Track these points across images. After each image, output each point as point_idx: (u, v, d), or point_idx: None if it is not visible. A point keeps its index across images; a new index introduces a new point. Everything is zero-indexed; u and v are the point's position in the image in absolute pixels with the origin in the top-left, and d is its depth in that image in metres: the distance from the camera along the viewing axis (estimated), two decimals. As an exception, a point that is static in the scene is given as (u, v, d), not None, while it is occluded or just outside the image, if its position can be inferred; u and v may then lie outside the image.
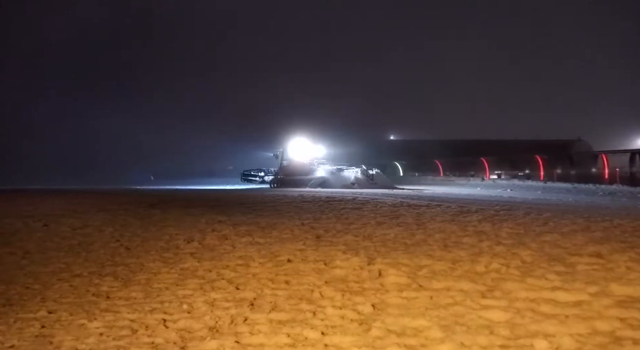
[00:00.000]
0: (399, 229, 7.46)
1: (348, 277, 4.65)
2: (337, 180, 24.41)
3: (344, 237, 6.90)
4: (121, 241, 7.05)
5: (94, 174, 39.04)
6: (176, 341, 3.25)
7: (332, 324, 3.43)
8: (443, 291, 4.06)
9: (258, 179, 29.07)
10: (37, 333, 3.44)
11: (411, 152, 43.19)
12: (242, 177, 30.26)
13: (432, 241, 6.33)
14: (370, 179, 24.30)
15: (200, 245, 6.61)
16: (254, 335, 3.31)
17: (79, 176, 36.31)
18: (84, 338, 3.31)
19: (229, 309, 3.85)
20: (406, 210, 10.14)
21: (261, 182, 28.51)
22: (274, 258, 5.62)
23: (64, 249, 6.57)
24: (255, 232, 7.54)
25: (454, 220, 8.30)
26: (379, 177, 24.91)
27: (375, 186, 23.10)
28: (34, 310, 3.95)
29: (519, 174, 29.48)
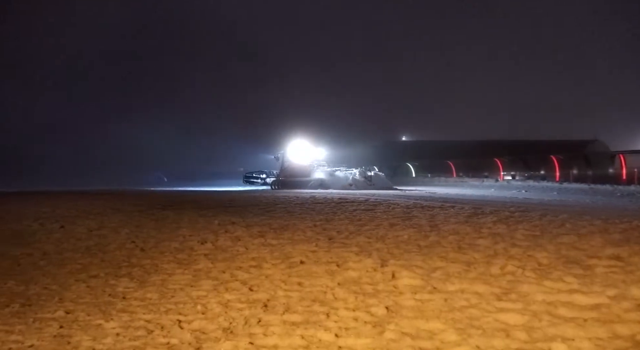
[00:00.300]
0: (412, 230, 7.42)
1: (361, 279, 4.63)
2: (334, 181, 24.95)
3: (357, 238, 6.88)
4: (136, 242, 7.13)
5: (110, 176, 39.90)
6: (191, 342, 3.27)
7: (346, 325, 3.43)
8: (457, 293, 4.02)
9: (260, 181, 29.52)
10: (56, 333, 3.49)
11: (424, 153, 42.94)
12: (244, 178, 30.88)
13: (445, 243, 6.27)
14: (368, 180, 24.60)
15: (213, 247, 6.65)
16: (268, 336, 3.32)
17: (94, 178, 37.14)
18: (101, 338, 3.36)
19: (242, 310, 3.87)
20: (419, 211, 10.07)
21: (263, 183, 29.05)
22: (286, 259, 5.63)
23: (81, 250, 6.67)
24: (267, 234, 7.57)
25: (468, 222, 8.22)
26: (377, 178, 25.21)
27: (373, 187, 23.32)
28: (52, 310, 4.02)
29: (533, 174, 29.11)
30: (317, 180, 25.48)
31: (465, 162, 35.15)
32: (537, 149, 32.02)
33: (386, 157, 47.03)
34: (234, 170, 32.73)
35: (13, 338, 3.42)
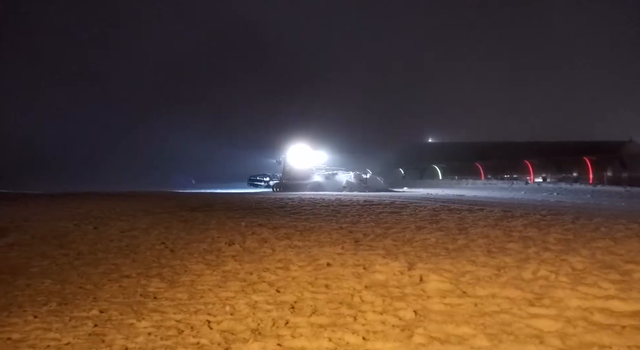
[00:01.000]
0: (440, 233, 7.31)
1: (388, 282, 4.60)
2: (329, 184, 26.28)
3: (383, 241, 6.83)
4: (166, 243, 7.29)
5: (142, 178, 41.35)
6: (220, 342, 3.32)
7: (374, 329, 3.40)
8: (488, 298, 3.94)
9: (263, 184, 30.54)
10: (91, 331, 3.61)
11: (451, 154, 42.25)
12: (248, 181, 32.12)
13: (474, 246, 6.16)
14: (363, 182, 25.89)
15: (241, 248, 6.73)
16: (296, 338, 3.33)
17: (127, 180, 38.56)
18: (133, 337, 3.44)
19: (270, 312, 3.90)
20: (447, 214, 9.92)
21: (266, 186, 30.10)
22: (313, 262, 5.64)
23: (113, 251, 6.87)
24: (293, 236, 7.61)
25: (498, 225, 8.04)
26: (372, 180, 26.56)
27: (368, 189, 24.46)
28: (87, 309, 4.15)
29: (565, 176, 28.22)
30: (315, 183, 26.69)
31: (494, 164, 34.40)
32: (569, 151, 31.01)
33: (412, 159, 46.54)
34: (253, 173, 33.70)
35: (51, 336, 3.54)
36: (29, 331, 3.65)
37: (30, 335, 3.55)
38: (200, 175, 46.60)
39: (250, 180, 31.74)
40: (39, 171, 42.69)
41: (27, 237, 8.08)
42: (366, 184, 25.62)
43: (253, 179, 31.61)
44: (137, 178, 41.36)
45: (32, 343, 3.40)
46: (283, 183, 28.13)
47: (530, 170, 30.15)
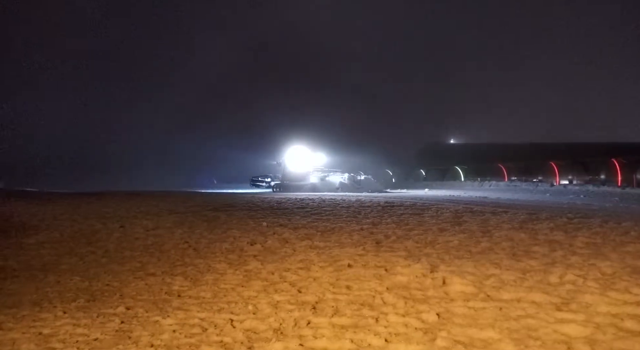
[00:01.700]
0: (463, 236, 7.21)
1: (410, 284, 4.56)
2: (324, 185, 27.66)
3: (405, 243, 6.78)
4: (189, 242, 7.41)
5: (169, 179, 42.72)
6: (243, 341, 3.35)
7: (396, 331, 3.38)
8: (513, 302, 3.86)
9: (264, 184, 31.55)
10: (117, 328, 3.70)
11: (473, 156, 41.58)
12: (251, 182, 33.28)
13: (499, 249, 6.05)
14: (357, 184, 27.61)
15: (262, 248, 6.79)
16: (318, 338, 3.33)
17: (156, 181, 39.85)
18: (159, 334, 3.51)
19: (292, 312, 3.91)
20: (470, 216, 9.77)
21: (267, 186, 31.10)
22: (334, 262, 5.64)
23: (139, 249, 7.02)
24: (314, 236, 7.62)
25: (522, 228, 7.88)
26: (367, 182, 28.38)
27: (361, 190, 25.96)
28: (114, 306, 4.26)
29: (592, 179, 27.43)
30: (311, 184, 28.01)
31: (518, 165, 33.68)
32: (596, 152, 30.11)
33: (433, 160, 46.00)
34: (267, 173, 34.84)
35: (79, 331, 3.65)
36: (58, 326, 3.76)
37: (60, 330, 3.67)
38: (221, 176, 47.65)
39: (252, 181, 32.92)
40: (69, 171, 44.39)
41: (56, 235, 8.34)
42: (360, 185, 27.22)
43: (255, 180, 32.83)
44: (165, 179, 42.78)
45: (62, 338, 3.51)
46: (282, 184, 29.36)
47: (556, 172, 29.41)
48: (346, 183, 27.70)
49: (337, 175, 28.90)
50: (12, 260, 6.45)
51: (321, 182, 28.47)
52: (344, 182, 27.81)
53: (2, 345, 3.40)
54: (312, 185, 28.11)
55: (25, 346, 3.34)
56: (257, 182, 32.33)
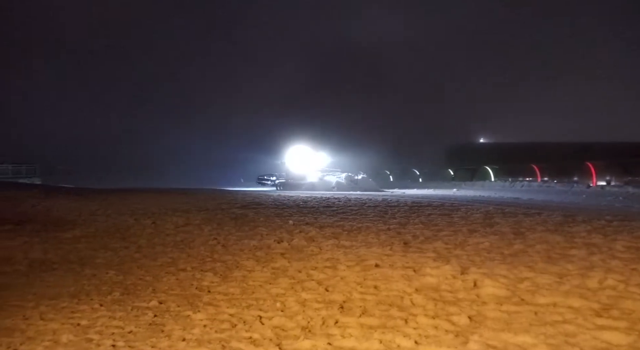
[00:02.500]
0: (494, 237, 7.04)
1: (440, 286, 4.49)
2: (321, 184, 29.24)
3: (433, 244, 6.67)
4: (218, 239, 7.52)
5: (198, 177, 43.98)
6: (272, 338, 3.38)
7: (426, 333, 3.33)
8: (549, 307, 3.74)
9: (270, 183, 33.13)
10: (151, 321, 3.79)
11: (504, 155, 40.57)
12: (257, 180, 34.62)
13: (532, 252, 5.87)
14: (354, 183, 29.04)
15: (289, 246, 6.82)
16: (346, 338, 3.32)
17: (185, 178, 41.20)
18: (190, 329, 3.58)
19: (319, 310, 3.92)
20: (501, 218, 9.52)
21: (272, 185, 32.55)
22: (360, 262, 5.61)
23: (170, 245, 7.19)
24: (340, 235, 7.61)
25: (558, 230, 7.62)
26: (364, 181, 29.62)
27: (357, 189, 27.23)
28: (147, 300, 4.37)
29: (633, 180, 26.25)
30: (309, 183, 29.64)
31: (552, 165, 32.62)
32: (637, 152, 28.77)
33: (462, 160, 45.17)
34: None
35: (115, 323, 3.76)
36: (95, 318, 3.89)
37: (97, 322, 3.79)
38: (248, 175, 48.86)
39: (258, 179, 34.67)
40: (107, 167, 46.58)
41: (92, 230, 8.64)
42: (356, 184, 28.74)
43: (261, 178, 34.67)
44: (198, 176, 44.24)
45: (99, 330, 3.63)
46: (284, 182, 31.24)
47: (593, 173, 28.32)
48: (342, 182, 29.28)
49: (333, 175, 30.74)
50: (52, 253, 6.71)
51: (319, 181, 30.11)
52: (340, 181, 29.45)
53: (44, 334, 3.54)
54: (311, 184, 29.58)
55: (65, 336, 3.47)
56: (262, 181, 33.92)
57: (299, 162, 32.66)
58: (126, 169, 47.71)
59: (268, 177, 33.98)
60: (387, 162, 46.73)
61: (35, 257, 6.46)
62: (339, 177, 30.15)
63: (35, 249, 6.96)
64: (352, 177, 29.95)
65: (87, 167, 45.92)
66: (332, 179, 30.03)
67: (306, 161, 32.73)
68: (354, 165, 36.11)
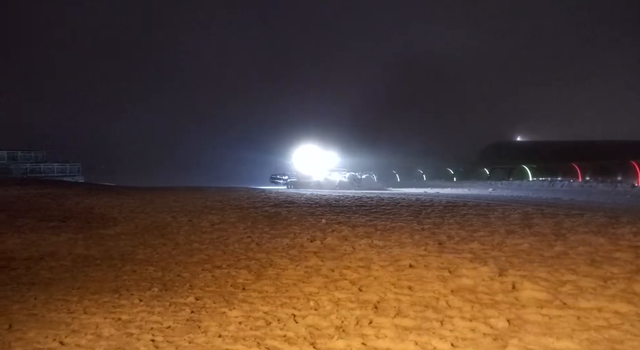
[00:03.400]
0: (534, 238, 6.80)
1: (477, 288, 4.38)
2: (326, 183, 30.59)
3: (470, 245, 6.52)
4: (252, 237, 7.63)
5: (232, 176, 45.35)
6: (306, 337, 3.39)
7: (463, 336, 3.26)
8: (593, 311, 3.58)
9: (282, 181, 34.62)
10: (188, 317, 3.89)
11: (542, 154, 39.21)
12: (270, 179, 36.29)
13: (574, 254, 5.64)
14: (357, 182, 30.31)
15: (322, 245, 6.83)
16: (380, 339, 3.30)
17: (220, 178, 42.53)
18: (225, 325, 3.65)
19: (353, 310, 3.90)
20: (541, 218, 9.19)
21: (284, 183, 33.90)
22: (394, 262, 5.55)
23: (206, 242, 7.35)
24: (373, 235, 7.55)
25: (601, 232, 7.28)
26: (368, 180, 31.01)
27: (361, 188, 28.38)
28: (184, 296, 4.48)
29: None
30: (316, 182, 30.98)
31: (594, 164, 31.24)
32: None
33: (498, 158, 43.96)
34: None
35: (154, 318, 3.88)
36: (135, 313, 4.02)
37: (136, 317, 3.92)
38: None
39: (271, 178, 36.49)
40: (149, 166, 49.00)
41: (132, 227, 8.94)
42: (360, 183, 30.06)
43: (274, 177, 36.43)
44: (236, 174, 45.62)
45: (139, 324, 3.75)
46: (293, 181, 32.89)
47: (638, 172, 26.91)
48: (345, 181, 30.70)
49: (339, 174, 32.16)
50: (94, 249, 7.00)
51: (324, 180, 31.45)
52: (344, 180, 30.93)
53: (87, 328, 3.69)
54: (317, 182, 30.88)
55: (106, 330, 3.61)
56: (275, 180, 35.64)
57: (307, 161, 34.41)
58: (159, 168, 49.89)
59: (280, 176, 35.61)
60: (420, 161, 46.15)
61: (79, 253, 6.74)
62: (343, 176, 31.56)
63: (79, 245, 7.28)
64: (355, 177, 31.31)
65: (126, 166, 48.13)
66: (335, 178, 31.40)
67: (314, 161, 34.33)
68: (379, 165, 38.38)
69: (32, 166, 39.42)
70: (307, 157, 34.83)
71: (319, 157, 34.87)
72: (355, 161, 41.37)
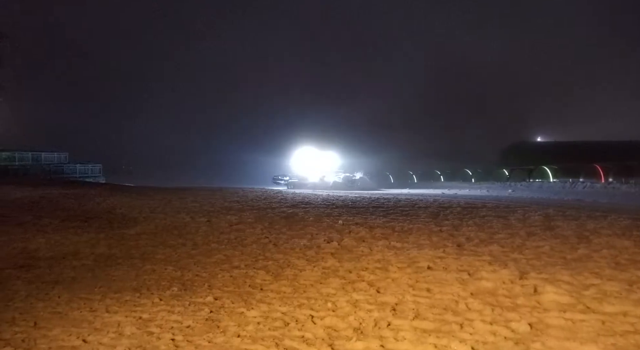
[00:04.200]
0: (555, 241, 6.66)
1: (497, 291, 4.31)
2: (321, 183, 32.44)
3: (489, 247, 6.43)
4: (269, 238, 7.67)
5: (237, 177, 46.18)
6: (324, 338, 3.39)
7: (483, 339, 3.21)
8: (618, 316, 3.49)
9: (283, 182, 36.50)
10: (207, 317, 3.92)
11: (563, 154, 38.39)
12: (272, 180, 38.16)
13: (598, 257, 5.50)
14: (351, 182, 32.34)
15: (339, 246, 6.82)
16: (399, 341, 3.27)
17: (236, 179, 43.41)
18: (244, 325, 3.67)
19: (371, 312, 3.88)
20: (562, 220, 9.00)
21: (285, 184, 35.65)
22: (412, 264, 5.51)
23: (224, 242, 7.41)
24: (390, 236, 7.51)
25: (625, 235, 7.09)
26: (362, 181, 33.04)
27: (354, 188, 29.96)
28: (203, 295, 4.53)
29: None
30: (312, 183, 32.74)
31: (617, 165, 30.42)
32: None
33: (518, 159, 43.23)
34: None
35: (173, 318, 3.93)
36: (155, 312, 4.08)
37: (157, 316, 3.98)
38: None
39: (273, 179, 38.63)
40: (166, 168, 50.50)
41: (152, 227, 9.08)
42: (353, 184, 31.82)
43: (276, 178, 38.69)
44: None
45: (159, 323, 3.80)
46: (293, 182, 34.94)
47: (665, 173, 26.04)
48: (339, 182, 32.47)
49: (333, 175, 34.20)
50: (116, 249, 7.13)
51: (319, 181, 33.26)
52: (338, 181, 32.69)
53: (109, 326, 3.76)
54: (313, 183, 32.61)
55: (128, 328, 3.67)
56: (277, 180, 37.84)
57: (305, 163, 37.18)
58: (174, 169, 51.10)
59: (282, 177, 37.69)
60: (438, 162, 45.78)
61: (101, 252, 6.88)
62: (338, 177, 33.49)
63: (101, 245, 7.42)
64: (350, 178, 33.32)
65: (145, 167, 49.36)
66: (330, 180, 33.17)
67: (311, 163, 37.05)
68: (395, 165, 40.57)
69: (56, 167, 40.41)
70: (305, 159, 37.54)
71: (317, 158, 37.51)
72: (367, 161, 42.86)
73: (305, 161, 37.84)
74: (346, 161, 39.46)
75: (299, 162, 38.09)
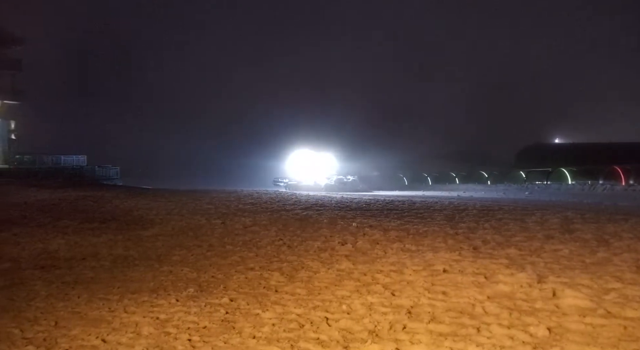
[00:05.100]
0: (574, 244, 6.55)
1: (514, 295, 4.25)
2: (314, 185, 34.31)
3: (506, 250, 6.35)
4: (284, 240, 7.69)
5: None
6: (339, 340, 3.39)
7: (501, 344, 3.17)
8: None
9: (283, 184, 38.04)
10: (223, 318, 3.95)
11: (582, 156, 37.67)
12: (273, 182, 39.73)
13: (619, 261, 5.39)
14: (343, 184, 34.19)
15: (353, 249, 6.81)
16: (415, 344, 3.25)
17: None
18: (259, 327, 3.69)
19: (386, 315, 3.87)
20: (582, 223, 8.84)
21: (285, 186, 37.15)
22: (428, 267, 5.47)
23: (239, 244, 7.46)
24: (405, 239, 7.47)
25: (648, 238, 6.94)
26: (354, 183, 34.91)
27: (346, 190, 31.15)
28: (219, 297, 4.56)
29: None
30: (305, 186, 34.37)
31: (638, 167, 29.72)
32: None
33: (535, 161, 42.59)
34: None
35: (190, 319, 3.97)
36: (172, 313, 4.13)
37: (174, 317, 4.02)
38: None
39: (274, 181, 40.18)
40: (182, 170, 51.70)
41: (168, 229, 9.20)
42: (345, 186, 33.47)
43: (276, 180, 40.06)
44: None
45: (176, 324, 3.85)
46: (289, 184, 36.94)
47: (688, 175, 25.38)
48: (331, 184, 34.32)
49: (327, 178, 36.31)
50: (133, 250, 7.23)
51: (313, 183, 35.16)
52: (330, 183, 34.56)
53: (127, 326, 3.82)
54: (307, 186, 34.31)
55: (145, 329, 3.72)
56: (277, 182, 39.42)
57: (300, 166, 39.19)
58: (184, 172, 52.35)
59: (281, 179, 39.52)
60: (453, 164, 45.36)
61: (119, 254, 6.99)
62: (330, 179, 35.64)
63: (119, 246, 7.54)
64: (342, 180, 35.30)
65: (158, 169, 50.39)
66: (322, 182, 35.16)
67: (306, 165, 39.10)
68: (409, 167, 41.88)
69: (74, 170, 41.23)
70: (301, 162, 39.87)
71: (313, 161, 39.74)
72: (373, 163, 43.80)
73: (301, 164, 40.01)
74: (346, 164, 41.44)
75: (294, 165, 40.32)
